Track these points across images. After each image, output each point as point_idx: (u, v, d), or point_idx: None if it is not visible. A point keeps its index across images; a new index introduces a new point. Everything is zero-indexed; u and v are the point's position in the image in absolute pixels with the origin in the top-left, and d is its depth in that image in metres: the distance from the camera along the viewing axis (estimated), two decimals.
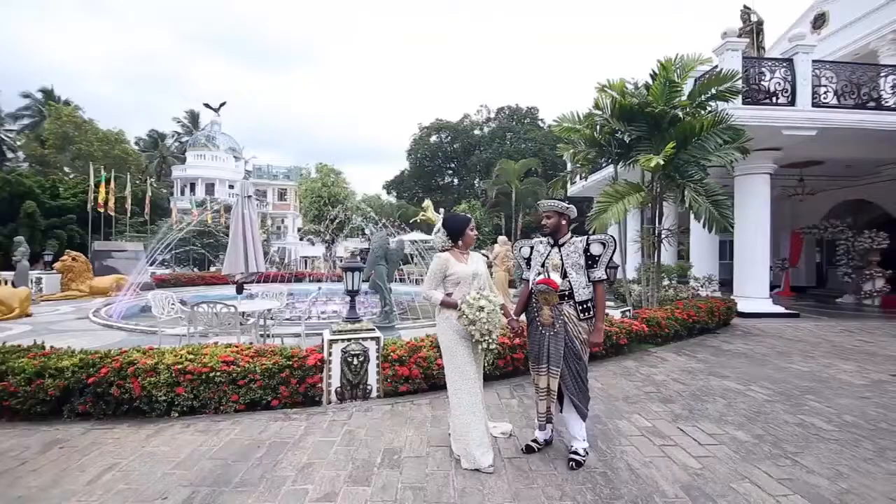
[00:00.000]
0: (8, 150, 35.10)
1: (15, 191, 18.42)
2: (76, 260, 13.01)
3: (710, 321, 7.18)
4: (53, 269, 12.97)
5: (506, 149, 32.67)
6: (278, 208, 44.39)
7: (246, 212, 5.85)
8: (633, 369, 5.19)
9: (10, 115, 35.63)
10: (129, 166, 31.39)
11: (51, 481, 2.67)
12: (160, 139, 47.13)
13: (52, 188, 20.30)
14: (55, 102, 34.85)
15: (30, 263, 13.91)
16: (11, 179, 19.08)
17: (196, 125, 47.43)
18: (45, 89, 37.13)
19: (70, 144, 28.66)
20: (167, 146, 46.41)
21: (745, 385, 4.58)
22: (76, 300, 12.07)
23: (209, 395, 3.76)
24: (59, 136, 28.90)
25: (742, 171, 8.96)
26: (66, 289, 12.71)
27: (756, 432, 3.37)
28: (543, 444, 3.07)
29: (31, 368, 3.60)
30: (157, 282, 16.77)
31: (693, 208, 6.18)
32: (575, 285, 2.85)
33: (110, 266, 14.64)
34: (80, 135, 29.05)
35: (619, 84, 7.56)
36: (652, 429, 3.44)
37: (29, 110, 35.86)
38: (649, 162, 6.17)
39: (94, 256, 14.76)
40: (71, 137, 28.75)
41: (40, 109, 34.62)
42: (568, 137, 8.11)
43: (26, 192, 18.64)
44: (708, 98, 6.82)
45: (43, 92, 36.85)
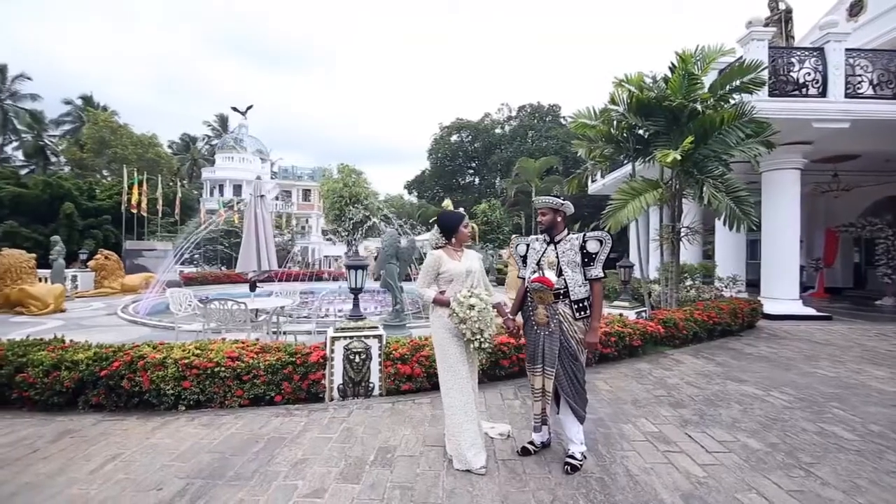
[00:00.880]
0: (51, 155, 37.12)
1: (55, 193, 19.42)
2: (108, 259, 13.61)
3: (732, 323, 6.88)
4: (88, 267, 13.59)
5: (527, 147, 32.34)
6: (303, 208, 45.30)
7: (258, 211, 5.97)
8: (645, 372, 5.02)
9: (53, 121, 37.68)
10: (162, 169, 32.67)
11: (57, 469, 2.78)
12: (192, 142, 48.88)
13: (89, 190, 21.30)
14: (94, 108, 36.63)
15: (67, 262, 14.66)
16: (52, 182, 20.12)
17: (225, 128, 48.90)
18: (84, 96, 39.07)
19: (106, 148, 30.03)
20: (198, 149, 48.07)
21: (765, 390, 4.35)
22: (108, 297, 12.61)
23: (214, 390, 3.84)
24: (96, 141, 30.31)
25: (769, 167, 8.55)
26: (99, 286, 13.30)
27: (770, 440, 3.19)
28: (540, 447, 2.99)
29: (49, 361, 3.77)
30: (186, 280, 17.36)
31: (712, 205, 5.92)
32: (570, 283, 2.76)
33: (141, 264, 15.25)
34: (116, 139, 30.38)
35: (637, 78, 7.33)
36: (658, 434, 3.31)
37: (70, 116, 37.82)
38: (666, 157, 5.96)
39: (125, 255, 15.40)
40: (107, 141, 30.11)
41: (80, 115, 36.42)
42: (583, 134, 7.92)
43: (65, 194, 19.61)
44: (730, 90, 6.52)
45: (83, 98, 38.77)
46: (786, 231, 8.48)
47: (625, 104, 7.31)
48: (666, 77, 7.05)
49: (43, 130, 36.49)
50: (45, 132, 36.82)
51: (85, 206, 20.27)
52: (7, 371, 3.76)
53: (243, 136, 44.08)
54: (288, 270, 17.52)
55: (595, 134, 7.76)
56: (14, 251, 10.07)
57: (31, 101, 34.84)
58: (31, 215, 18.70)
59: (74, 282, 12.92)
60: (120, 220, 20.19)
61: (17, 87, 34.26)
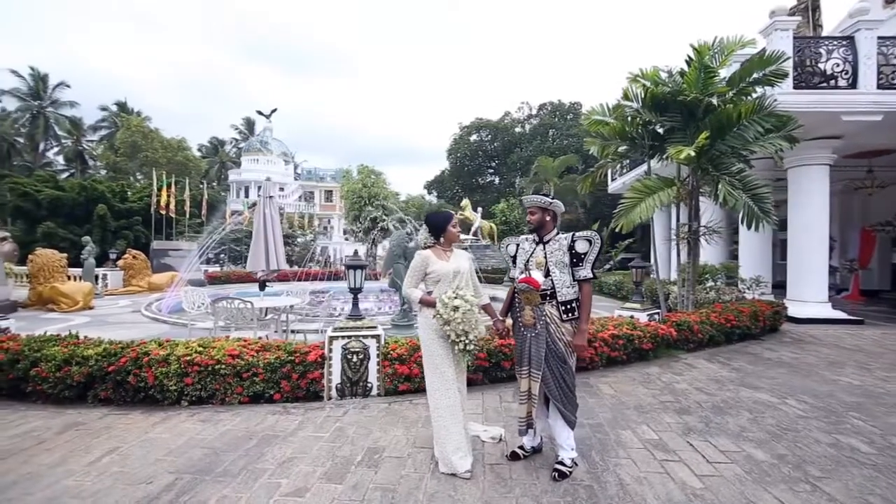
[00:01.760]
0: (89, 159, 39.00)
1: (90, 195, 20.29)
2: (136, 258, 14.16)
3: (752, 326, 6.58)
4: (117, 266, 14.16)
5: (547, 145, 31.92)
6: (325, 209, 46.09)
7: (267, 211, 6.07)
8: (654, 376, 4.85)
9: (91, 127, 39.56)
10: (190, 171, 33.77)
11: (58, 460, 2.88)
12: (220, 145, 50.42)
13: (121, 192, 22.17)
14: (128, 114, 38.26)
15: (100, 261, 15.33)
16: (87, 185, 21.04)
17: (252, 131, 50.17)
18: (119, 102, 40.89)
19: (138, 152, 31.28)
20: (226, 152, 49.54)
21: (780, 398, 4.13)
22: (135, 295, 13.11)
23: (215, 387, 3.91)
24: (128, 145, 31.62)
25: (796, 163, 8.15)
26: (127, 284, 13.85)
27: (778, 451, 3.02)
28: (530, 452, 2.92)
29: (61, 356, 3.92)
30: (210, 279, 17.91)
31: (728, 203, 5.67)
32: (558, 284, 2.68)
33: (167, 264, 15.79)
34: (147, 143, 31.62)
35: (653, 72, 7.10)
36: (657, 442, 3.18)
37: (106, 122, 39.61)
38: (679, 153, 5.74)
39: (152, 255, 15.99)
40: (139, 146, 31.37)
41: (115, 121, 38.08)
42: (597, 131, 7.73)
43: (99, 197, 20.46)
44: (750, 83, 6.23)
45: (118, 105, 40.58)
46: (813, 230, 8.06)
47: (639, 100, 7.09)
48: (682, 71, 6.81)
49: (81, 136, 38.36)
50: (84, 137, 38.71)
51: (117, 207, 21.09)
52: (23, 365, 3.93)
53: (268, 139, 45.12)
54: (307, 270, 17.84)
55: (609, 131, 7.57)
56: (47, 251, 10.59)
57: (70, 108, 36.63)
58: (68, 216, 19.59)
59: (104, 280, 13.48)
60: (150, 221, 20.97)
61: (58, 95, 36.10)
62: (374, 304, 10.16)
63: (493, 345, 4.31)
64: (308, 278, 15.66)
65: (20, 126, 34.73)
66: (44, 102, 35.34)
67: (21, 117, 34.76)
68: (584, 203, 22.85)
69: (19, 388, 3.97)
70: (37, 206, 19.30)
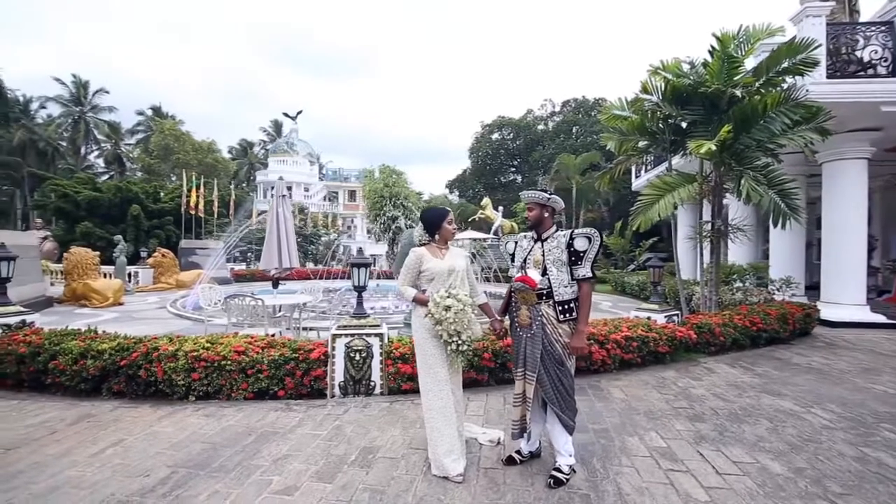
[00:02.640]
0: (127, 161, 40.82)
1: (125, 196, 21.19)
2: (165, 256, 14.70)
3: (781, 330, 6.23)
4: (147, 264, 14.73)
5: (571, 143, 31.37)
6: (348, 208, 46.70)
7: (280, 210, 6.16)
8: (669, 381, 4.65)
9: (128, 131, 41.43)
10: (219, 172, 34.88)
11: (65, 451, 2.97)
12: (249, 147, 51.87)
13: (154, 193, 23.06)
14: (162, 118, 39.82)
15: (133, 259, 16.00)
16: (122, 186, 21.99)
17: (279, 133, 51.37)
18: (154, 107, 42.66)
19: (171, 154, 32.50)
20: (255, 153, 50.91)
21: (805, 406, 3.88)
22: (164, 292, 13.59)
23: (221, 382, 3.97)
24: (161, 148, 32.90)
25: (830, 157, 7.67)
26: (156, 282, 14.39)
27: (797, 464, 2.81)
28: (528, 457, 2.82)
29: (77, 350, 4.06)
30: (235, 276, 18.44)
31: (752, 199, 5.37)
32: (555, 283, 2.57)
33: (194, 262, 16.31)
34: (179, 145, 32.82)
35: (674, 65, 6.82)
36: (665, 450, 3.03)
37: (142, 126, 41.39)
38: (700, 148, 5.48)
39: (181, 253, 16.54)
40: (171, 148, 32.59)
41: (150, 125, 39.72)
42: (615, 126, 7.50)
43: (133, 198, 21.35)
44: (778, 72, 5.89)
45: (152, 109, 42.33)
46: (850, 228, 7.57)
47: (659, 93, 6.83)
48: (705, 62, 6.51)
49: (120, 139, 40.21)
50: (122, 141, 40.56)
51: (150, 208, 21.94)
52: (43, 358, 4.09)
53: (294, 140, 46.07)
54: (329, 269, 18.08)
55: (627, 126, 7.32)
56: (81, 249, 11.10)
57: (109, 113, 38.46)
58: (105, 216, 20.51)
59: (135, 277, 14.05)
60: (181, 221, 21.73)
61: (98, 101, 37.93)
62: (391, 302, 10.20)
63: (498, 345, 4.21)
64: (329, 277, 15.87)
65: (63, 131, 36.67)
66: (84, 108, 37.21)
67: (64, 122, 36.73)
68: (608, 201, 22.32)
69: (40, 380, 4.13)
70: (76, 207, 20.27)
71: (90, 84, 37.66)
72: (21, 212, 30.99)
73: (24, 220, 31.08)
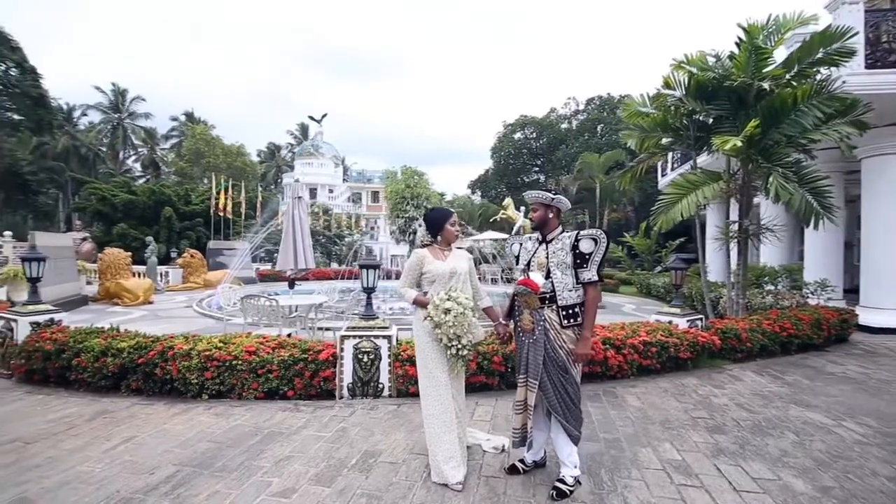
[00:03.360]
0: (162, 165, 42.53)
1: (158, 199, 22.09)
2: (193, 257, 15.18)
3: (814, 336, 5.88)
4: (177, 264, 15.27)
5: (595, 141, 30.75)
6: (371, 210, 47.21)
7: (296, 212, 6.24)
8: (690, 388, 4.44)
9: (164, 136, 43.19)
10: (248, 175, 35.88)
11: (81, 446, 3.07)
12: (276, 150, 53.18)
13: (185, 196, 23.92)
14: (195, 123, 41.29)
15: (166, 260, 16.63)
16: (155, 189, 22.93)
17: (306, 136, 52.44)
18: (187, 112, 44.29)
19: (202, 158, 33.64)
20: (282, 156, 52.16)
21: (836, 419, 3.63)
22: (192, 291, 14.03)
23: (233, 382, 4.04)
24: (193, 152, 34.10)
25: (870, 152, 7.19)
26: (185, 281, 14.88)
27: (823, 483, 2.62)
28: (532, 466, 2.73)
29: (98, 347, 4.21)
30: (260, 276, 18.88)
31: (781, 198, 5.07)
32: (558, 287, 2.48)
33: (221, 262, 16.79)
34: (209, 149, 33.93)
35: (698, 58, 6.55)
36: (679, 463, 2.87)
37: (176, 131, 43.04)
38: (725, 144, 5.23)
39: (208, 254, 17.06)
40: (202, 152, 33.72)
41: (183, 130, 41.26)
42: (636, 124, 7.26)
43: (166, 200, 22.23)
44: (811, 63, 5.56)
45: (186, 115, 43.96)
46: (893, 228, 7.07)
47: (682, 87, 6.57)
48: (732, 54, 6.22)
49: (155, 144, 41.97)
50: (157, 146, 42.31)
51: (182, 210, 22.77)
52: (68, 355, 4.26)
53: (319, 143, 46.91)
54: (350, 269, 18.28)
55: (649, 123, 7.08)
56: (114, 250, 11.59)
57: (145, 119, 40.26)
58: (140, 218, 21.42)
59: (165, 277, 14.58)
60: (210, 223, 22.47)
61: (135, 108, 39.70)
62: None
63: (507, 349, 4.12)
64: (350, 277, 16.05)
65: (103, 137, 38.53)
66: (122, 115, 39.01)
67: (104, 129, 38.59)
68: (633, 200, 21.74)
69: (65, 376, 4.30)
70: (113, 209, 21.25)
71: (128, 92, 39.51)
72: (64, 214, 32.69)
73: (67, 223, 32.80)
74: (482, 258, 18.97)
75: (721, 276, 10.90)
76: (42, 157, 30.25)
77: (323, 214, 32.15)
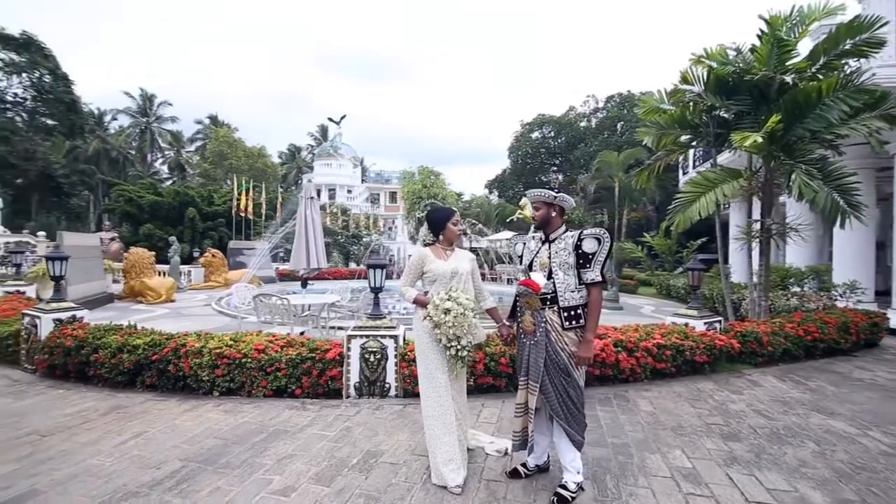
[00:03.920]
0: (187, 167, 43.79)
1: (182, 200, 22.74)
2: (215, 256, 15.55)
3: (841, 340, 5.61)
4: (199, 263, 15.66)
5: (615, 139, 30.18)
6: (389, 210, 47.52)
7: (308, 212, 6.30)
8: (706, 393, 4.29)
9: (189, 139, 44.44)
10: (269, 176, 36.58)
11: (93, 440, 3.16)
12: (297, 152, 54.07)
13: (208, 197, 24.55)
14: (218, 126, 42.34)
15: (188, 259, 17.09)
16: (180, 191, 23.63)
17: (325, 137, 53.15)
18: (211, 115, 45.46)
19: (224, 160, 34.46)
20: (302, 157, 53.00)
21: (861, 428, 3.45)
22: (213, 290, 14.36)
23: (243, 379, 4.10)
24: (216, 154, 34.97)
25: None
26: (207, 280, 15.25)
27: (843, 495, 2.48)
28: (534, 471, 2.67)
29: (115, 344, 4.33)
30: (280, 276, 19.20)
31: (805, 196, 4.85)
32: (560, 288, 2.41)
33: (241, 261, 17.15)
34: (232, 151, 34.72)
35: (718, 52, 6.34)
36: (689, 471, 2.77)
37: (200, 134, 44.22)
38: (744, 140, 5.03)
39: (229, 254, 17.44)
40: (225, 154, 34.54)
41: (207, 133, 42.36)
42: (652, 121, 7.08)
43: (190, 201, 22.86)
44: (838, 55, 5.31)
45: (210, 118, 45.11)
46: None
47: (701, 82, 6.37)
48: (753, 47, 6.00)
49: (181, 147, 43.24)
50: (183, 148, 43.58)
51: (205, 210, 23.38)
52: (87, 351, 4.40)
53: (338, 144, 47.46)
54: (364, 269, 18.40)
55: (666, 120, 6.90)
56: (139, 250, 11.95)
57: (172, 123, 41.53)
58: (165, 219, 22.08)
59: (188, 276, 14.98)
60: (232, 223, 23.00)
61: (162, 112, 40.98)
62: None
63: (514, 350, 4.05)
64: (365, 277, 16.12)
65: (132, 140, 39.89)
66: (150, 119, 40.31)
67: (132, 132, 39.94)
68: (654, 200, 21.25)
69: (84, 371, 4.45)
70: (140, 210, 21.96)
71: (155, 97, 40.81)
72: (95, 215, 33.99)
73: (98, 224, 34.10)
74: (498, 258, 18.86)
75: (745, 277, 10.55)
76: (74, 160, 31.50)
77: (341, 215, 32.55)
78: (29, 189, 27.74)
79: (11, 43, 23.46)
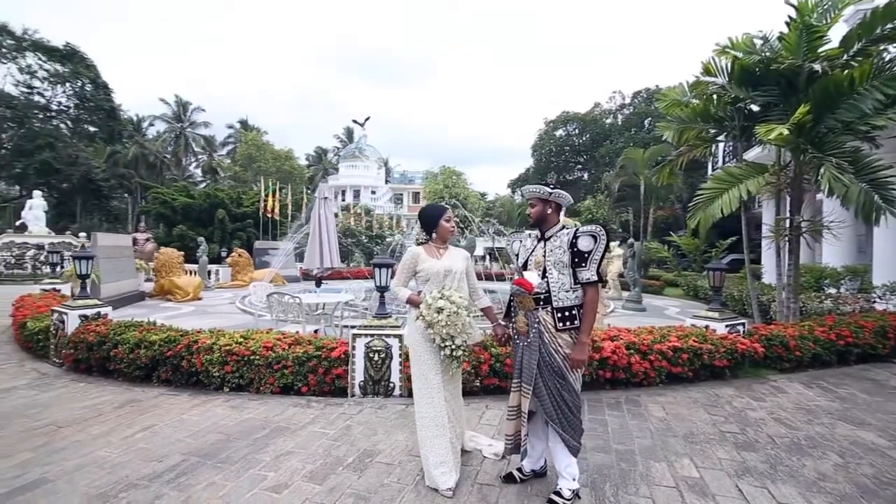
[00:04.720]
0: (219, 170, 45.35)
1: (213, 202, 23.56)
2: (241, 256, 16.01)
3: (878, 345, 5.25)
4: (226, 263, 16.16)
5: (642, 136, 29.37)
6: (412, 210, 47.82)
7: (322, 212, 6.38)
8: (724, 399, 4.09)
9: (221, 143, 46.00)
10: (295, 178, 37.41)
11: (105, 431, 3.28)
12: (323, 154, 55.09)
13: (237, 198, 25.34)
14: (248, 130, 43.64)
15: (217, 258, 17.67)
16: (210, 193, 24.50)
17: (351, 139, 53.95)
18: (242, 120, 46.90)
19: (253, 163, 35.47)
20: (329, 160, 53.98)
21: (893, 440, 3.20)
22: (239, 288, 14.76)
23: (251, 376, 4.17)
24: (245, 157, 36.04)
25: None
26: (233, 279, 15.71)
27: None
28: (530, 475, 2.60)
29: (133, 340, 4.49)
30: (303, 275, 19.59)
31: (835, 191, 4.54)
32: (553, 287, 2.33)
33: (266, 261, 17.61)
34: (260, 154, 35.71)
35: (744, 41, 6.06)
36: (695, 481, 2.63)
37: (231, 138, 45.70)
38: (769, 133, 4.77)
39: (255, 253, 17.94)
40: (254, 157, 35.55)
41: (238, 137, 43.74)
42: (673, 115, 6.82)
43: (220, 203, 23.65)
44: (873, 41, 4.95)
45: (240, 122, 46.55)
46: None
47: (725, 74, 6.10)
48: (781, 35, 5.69)
49: (214, 151, 44.79)
50: (215, 152, 45.14)
51: (234, 212, 24.14)
52: (107, 347, 4.58)
53: (363, 146, 48.10)
54: None
55: (688, 113, 6.63)
56: (169, 249, 12.43)
57: (205, 128, 43.10)
58: (196, 220, 22.95)
59: (216, 275, 15.48)
60: (259, 224, 23.67)
61: (195, 118, 42.56)
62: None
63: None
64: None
65: (167, 145, 41.60)
66: (184, 124, 41.93)
67: (168, 137, 41.65)
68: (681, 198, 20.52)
69: (105, 366, 4.64)
70: (173, 212, 22.88)
71: (190, 104, 42.45)
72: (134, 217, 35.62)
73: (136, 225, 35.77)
74: None
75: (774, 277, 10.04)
76: (114, 164, 33.14)
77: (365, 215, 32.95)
78: (73, 193, 29.36)
79: (56, 54, 24.89)
